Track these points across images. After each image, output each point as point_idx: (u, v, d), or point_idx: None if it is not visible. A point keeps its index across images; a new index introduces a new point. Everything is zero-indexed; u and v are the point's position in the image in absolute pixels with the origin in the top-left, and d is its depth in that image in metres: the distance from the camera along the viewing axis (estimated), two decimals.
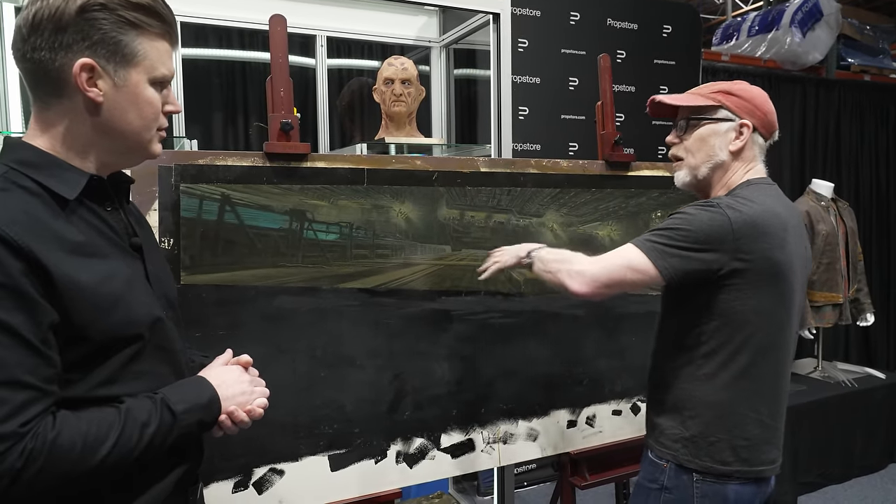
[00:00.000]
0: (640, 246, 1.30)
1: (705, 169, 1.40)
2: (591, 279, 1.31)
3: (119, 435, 0.86)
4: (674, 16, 3.30)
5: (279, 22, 1.61)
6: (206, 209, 1.52)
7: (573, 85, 3.04)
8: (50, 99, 0.91)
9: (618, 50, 3.14)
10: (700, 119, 1.40)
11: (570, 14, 3.03)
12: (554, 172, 1.96)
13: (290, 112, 1.61)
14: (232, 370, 1.07)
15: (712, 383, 1.34)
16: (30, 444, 0.79)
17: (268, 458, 1.57)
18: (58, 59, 0.87)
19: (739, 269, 1.28)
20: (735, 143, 1.37)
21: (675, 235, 1.29)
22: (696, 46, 3.41)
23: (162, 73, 0.96)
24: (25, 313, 0.80)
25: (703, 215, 1.29)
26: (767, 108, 1.40)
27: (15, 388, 0.79)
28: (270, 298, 1.58)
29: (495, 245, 1.86)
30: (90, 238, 0.90)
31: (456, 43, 2.67)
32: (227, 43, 2.51)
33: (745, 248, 1.28)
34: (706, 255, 1.27)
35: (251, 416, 1.04)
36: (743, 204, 1.30)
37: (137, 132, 0.95)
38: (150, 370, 0.95)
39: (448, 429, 1.80)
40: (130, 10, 0.90)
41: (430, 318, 1.77)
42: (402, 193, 1.74)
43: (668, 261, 1.28)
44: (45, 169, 0.89)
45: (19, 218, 0.82)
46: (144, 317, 0.94)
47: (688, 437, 1.36)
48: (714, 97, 1.39)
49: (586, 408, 2.00)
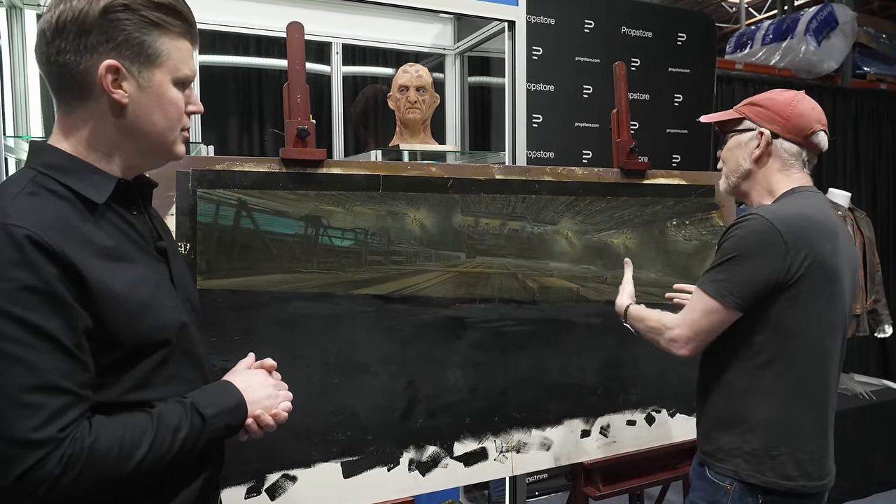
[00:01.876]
0: (706, 290, 1.34)
1: (734, 178, 1.46)
2: (685, 343, 1.37)
3: (153, 439, 0.86)
4: (688, 24, 3.29)
5: (296, 29, 1.62)
6: (222, 214, 1.52)
7: (587, 93, 3.04)
8: (75, 102, 0.90)
9: (632, 58, 3.13)
10: (727, 132, 1.47)
11: (585, 22, 3.03)
12: (569, 180, 1.95)
13: (307, 118, 1.62)
14: (257, 374, 1.07)
15: (770, 395, 1.33)
16: (68, 450, 0.78)
17: (281, 465, 1.57)
18: (83, 61, 0.87)
19: (793, 276, 1.29)
20: (755, 152, 1.41)
21: (733, 265, 1.31)
22: (710, 55, 3.40)
23: (185, 73, 0.95)
24: (61, 318, 0.80)
25: (751, 234, 1.30)
26: (791, 112, 1.39)
27: (52, 392, 0.79)
28: (285, 304, 1.58)
29: (510, 253, 1.86)
30: (119, 242, 0.90)
31: (470, 51, 2.68)
32: (243, 50, 2.53)
33: (798, 255, 1.29)
34: (766, 272, 1.29)
35: (277, 420, 1.04)
36: (787, 211, 1.33)
37: (162, 133, 0.95)
38: (178, 375, 0.95)
39: (461, 437, 1.78)
40: (153, 10, 0.90)
41: (443, 326, 1.77)
42: (417, 200, 1.74)
43: (737, 293, 1.30)
44: (73, 173, 0.89)
45: (52, 223, 0.82)
46: (172, 322, 0.94)
47: (748, 451, 1.34)
48: (739, 110, 1.46)
49: (600, 417, 1.98)
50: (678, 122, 3.24)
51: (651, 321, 1.47)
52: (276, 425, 1.04)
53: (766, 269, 1.29)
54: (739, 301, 1.30)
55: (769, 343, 1.32)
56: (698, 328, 1.35)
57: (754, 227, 1.30)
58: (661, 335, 1.41)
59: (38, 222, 0.81)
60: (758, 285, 1.29)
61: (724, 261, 1.33)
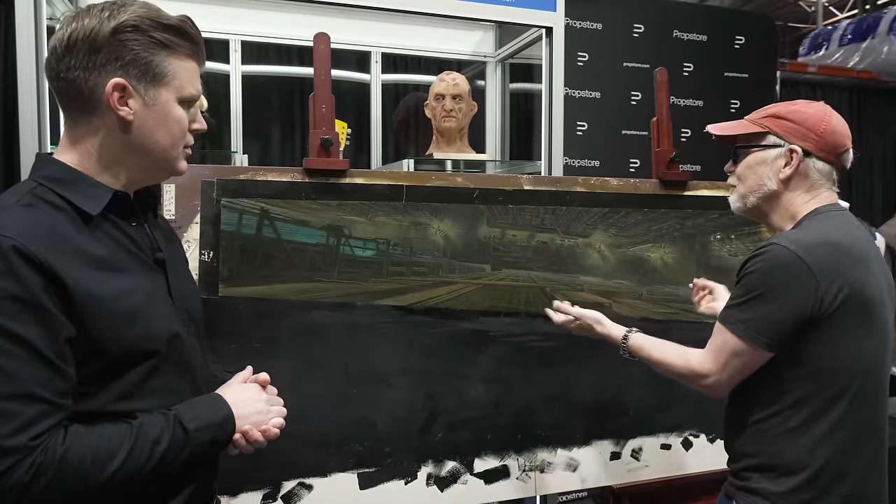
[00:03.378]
0: (734, 331, 1.22)
1: (754, 198, 1.32)
2: (725, 387, 1.27)
3: (129, 451, 0.86)
4: (747, 26, 3.13)
5: (323, 40, 1.63)
6: (245, 223, 1.55)
7: (636, 99, 2.94)
8: (81, 116, 0.93)
9: (684, 63, 3.01)
10: (748, 147, 1.33)
11: (634, 26, 2.93)
12: (603, 191, 1.88)
13: (331, 129, 1.63)
14: (249, 388, 1.06)
15: (806, 438, 1.21)
16: (39, 458, 0.80)
17: (297, 472, 1.58)
18: (91, 78, 0.90)
19: (826, 311, 1.17)
20: (784, 171, 1.28)
21: (758, 303, 1.20)
22: (771, 58, 3.23)
23: (190, 93, 0.98)
24: (42, 327, 0.82)
25: (775, 267, 1.19)
26: (824, 129, 1.27)
27: (27, 401, 0.80)
28: (305, 312, 1.59)
29: (538, 266, 1.81)
30: (112, 253, 0.92)
31: (511, 57, 2.64)
32: (286, 59, 2.58)
33: (831, 288, 1.17)
34: (796, 309, 1.18)
35: (266, 436, 1.03)
36: (811, 239, 1.20)
37: (164, 150, 0.97)
38: (167, 386, 0.95)
39: (482, 453, 1.75)
40: (161, 31, 0.93)
41: (466, 339, 1.73)
42: (441, 211, 1.72)
43: (766, 334, 1.19)
44: (71, 185, 0.92)
45: (41, 233, 0.85)
46: (162, 333, 0.95)
47: (778, 492, 1.23)
48: (762, 123, 1.31)
49: (632, 440, 1.89)
50: None
51: (673, 364, 1.33)
52: (265, 441, 1.02)
53: (795, 306, 1.17)
54: (770, 342, 1.19)
55: (803, 382, 1.21)
56: (733, 371, 1.24)
57: (777, 258, 1.18)
58: (693, 382, 1.29)
59: (26, 233, 0.83)
60: (787, 323, 1.18)
61: (748, 298, 1.20)
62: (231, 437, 0.99)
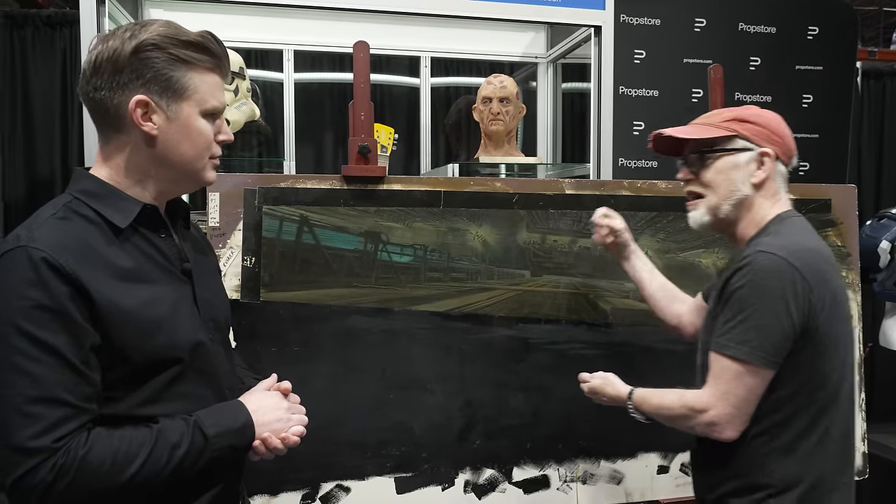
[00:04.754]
0: (736, 355, 1.14)
1: (727, 206, 1.24)
2: (728, 422, 1.16)
3: (149, 454, 0.90)
4: (822, 15, 2.93)
5: (362, 48, 1.65)
6: (285, 230, 1.59)
7: (697, 96, 2.80)
8: (111, 133, 0.98)
9: (751, 57, 2.85)
10: (716, 152, 1.24)
11: (695, 21, 2.80)
12: (650, 195, 1.81)
13: (370, 136, 1.65)
14: (271, 396, 1.08)
15: (793, 456, 1.16)
16: (61, 460, 0.84)
17: (335, 475, 1.61)
18: (115, 97, 0.94)
19: (816, 319, 1.12)
20: (757, 175, 1.22)
21: (757, 318, 1.12)
22: (851, 48, 3.00)
23: (213, 105, 1.00)
24: (69, 335, 0.86)
25: (769, 277, 1.12)
26: (784, 132, 1.24)
27: (52, 405, 0.85)
28: (344, 318, 1.62)
29: (581, 272, 1.77)
30: (139, 264, 0.96)
31: (563, 57, 2.58)
32: (338, 67, 2.63)
33: (819, 294, 1.12)
34: (795, 318, 1.12)
35: (286, 444, 1.04)
36: (796, 245, 1.15)
37: (190, 161, 1.00)
38: (190, 392, 0.99)
39: (521, 462, 1.72)
40: (181, 47, 0.96)
41: (505, 346, 1.71)
42: (479, 216, 1.70)
43: (771, 350, 1.12)
44: (103, 198, 0.97)
45: (72, 246, 0.90)
46: (186, 341, 0.98)
47: None
48: (727, 126, 1.24)
49: (681, 453, 1.81)
50: (808, 125, 2.89)
51: (670, 406, 1.25)
52: (285, 449, 1.04)
53: (794, 316, 1.11)
54: (776, 359, 1.13)
55: (795, 395, 1.15)
56: (738, 400, 1.14)
57: (768, 267, 1.12)
58: (694, 420, 1.19)
59: (57, 245, 0.88)
60: (788, 334, 1.11)
61: (745, 316, 1.13)
62: (250, 444, 1.01)
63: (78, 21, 2.43)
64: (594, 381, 1.44)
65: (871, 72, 3.40)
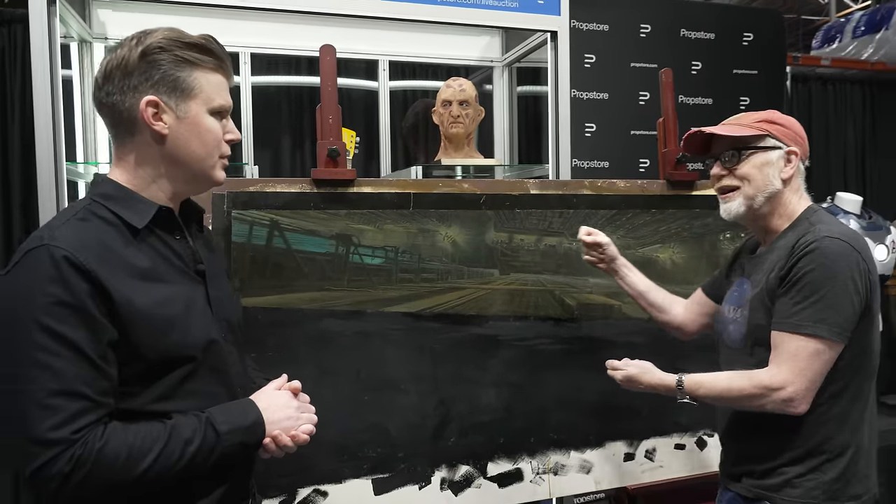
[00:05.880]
0: (813, 333, 1.22)
1: (762, 198, 1.36)
2: (804, 398, 1.24)
3: (162, 449, 0.92)
4: (755, 23, 3.11)
5: (329, 51, 1.65)
6: (255, 234, 1.58)
7: (644, 99, 2.93)
8: (124, 136, 1.02)
9: (693, 61, 3.00)
10: (754, 148, 1.36)
11: (641, 26, 2.92)
12: (610, 193, 1.88)
13: (339, 139, 1.65)
14: (281, 395, 1.10)
15: (846, 423, 1.28)
16: (78, 451, 0.86)
17: (312, 479, 1.60)
18: (127, 100, 0.99)
19: (870, 295, 1.26)
20: (786, 171, 1.35)
21: (832, 298, 1.22)
22: (780, 54, 3.20)
23: (219, 104, 1.05)
24: (87, 330, 0.89)
25: (838, 258, 1.23)
26: (804, 135, 1.40)
27: (71, 397, 0.87)
28: (317, 321, 1.62)
29: (547, 269, 1.82)
30: (155, 264, 0.99)
31: (518, 61, 2.65)
32: (294, 70, 2.61)
33: (872, 273, 1.27)
34: (861, 295, 1.25)
35: (296, 442, 1.07)
36: (845, 230, 1.30)
37: (201, 159, 1.04)
38: (203, 390, 1.01)
39: (495, 457, 1.76)
40: (185, 49, 1.01)
41: (476, 343, 1.75)
42: (448, 217, 1.73)
43: (845, 326, 1.24)
44: (121, 201, 1.00)
45: (91, 245, 0.92)
46: (199, 339, 1.00)
47: (827, 481, 1.28)
48: (760, 126, 1.36)
49: (645, 440, 1.89)
50: None
51: (741, 387, 1.29)
52: (294, 446, 1.06)
53: (861, 293, 1.24)
54: (848, 334, 1.24)
55: (847, 369, 1.27)
56: (814, 375, 1.23)
57: (835, 251, 1.24)
58: (768, 398, 1.25)
59: (78, 244, 0.91)
60: (858, 311, 1.24)
61: (820, 296, 1.23)
62: (260, 441, 1.03)
63: (16, 20, 2.35)
64: (630, 369, 1.46)
65: (799, 76, 3.64)
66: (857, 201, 2.84)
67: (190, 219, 1.11)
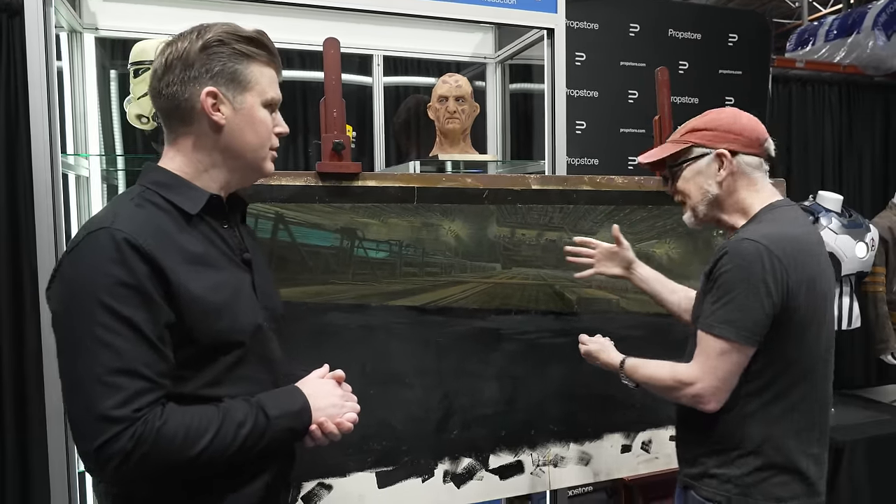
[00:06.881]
0: (720, 334, 1.25)
1: (703, 206, 1.39)
2: (713, 395, 1.27)
3: (217, 430, 0.93)
4: (740, 24, 3.18)
5: (332, 45, 1.65)
6: (260, 227, 1.56)
7: (633, 98, 2.97)
8: (180, 127, 1.04)
9: (680, 61, 3.05)
10: (680, 164, 1.40)
11: (630, 26, 2.97)
12: (608, 189, 1.91)
13: (343, 132, 1.65)
14: (326, 383, 1.13)
15: (759, 422, 1.28)
16: (140, 429, 0.87)
17: (316, 473, 1.60)
18: (187, 90, 1.02)
19: (791, 302, 1.24)
20: (720, 174, 1.35)
21: (741, 299, 1.23)
22: (764, 55, 3.27)
23: (271, 97, 1.08)
24: (147, 311, 0.91)
25: (751, 262, 1.23)
26: (741, 126, 1.35)
27: (133, 376, 0.88)
28: (322, 314, 1.61)
29: (548, 263, 1.84)
30: (207, 250, 1.01)
31: (511, 58, 2.66)
32: (287, 64, 2.59)
33: (794, 278, 1.24)
34: (773, 299, 1.23)
35: (341, 429, 1.09)
36: (775, 232, 1.27)
37: (254, 150, 1.07)
38: (251, 376, 1.03)
39: (497, 450, 1.77)
40: (243, 43, 1.04)
41: (479, 337, 1.76)
42: (451, 211, 1.74)
43: (752, 329, 1.23)
44: (174, 188, 1.02)
45: (149, 230, 0.95)
46: (247, 325, 1.02)
47: (738, 475, 1.30)
48: (683, 139, 1.39)
49: (642, 432, 1.93)
50: None
51: (661, 378, 1.35)
52: (339, 434, 1.08)
53: (774, 296, 1.23)
54: (757, 337, 1.24)
55: (768, 371, 1.27)
56: (723, 375, 1.26)
57: (750, 252, 1.24)
58: (681, 392, 1.29)
59: (137, 228, 0.93)
60: (769, 314, 1.23)
61: (731, 297, 1.24)
62: (307, 428, 1.05)
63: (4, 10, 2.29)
64: (591, 345, 1.53)
65: (779, 77, 3.72)
66: (838, 200, 2.91)
67: (235, 209, 1.14)
